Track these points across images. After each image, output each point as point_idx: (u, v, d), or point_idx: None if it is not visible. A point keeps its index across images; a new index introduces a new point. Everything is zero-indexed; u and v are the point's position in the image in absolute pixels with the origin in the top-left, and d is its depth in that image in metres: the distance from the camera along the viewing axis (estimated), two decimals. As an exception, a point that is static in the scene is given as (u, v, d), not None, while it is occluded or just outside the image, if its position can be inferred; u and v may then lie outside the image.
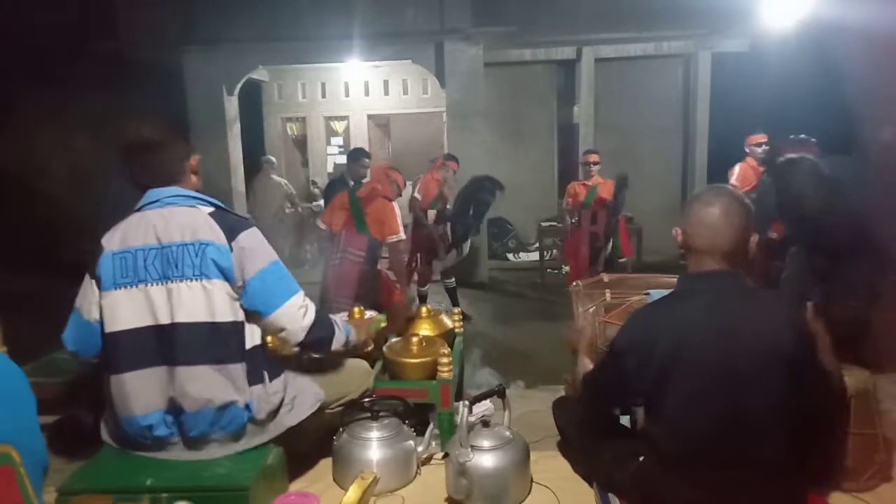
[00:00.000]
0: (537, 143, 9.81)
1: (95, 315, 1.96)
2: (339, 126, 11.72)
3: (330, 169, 11.75)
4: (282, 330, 2.01)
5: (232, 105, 8.88)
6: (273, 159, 9.73)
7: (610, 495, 1.98)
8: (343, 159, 8.69)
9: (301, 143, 11.89)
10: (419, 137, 12.58)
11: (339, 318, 2.22)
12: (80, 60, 7.49)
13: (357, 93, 11.17)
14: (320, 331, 2.06)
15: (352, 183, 5.70)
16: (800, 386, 1.69)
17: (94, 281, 1.96)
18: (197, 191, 2.05)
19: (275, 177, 9.38)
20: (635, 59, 9.33)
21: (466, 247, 6.50)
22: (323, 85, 11.18)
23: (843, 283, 3.31)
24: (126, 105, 7.78)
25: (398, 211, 4.51)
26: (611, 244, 6.03)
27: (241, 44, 8.34)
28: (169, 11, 8.27)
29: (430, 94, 10.69)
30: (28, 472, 1.46)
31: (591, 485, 2.13)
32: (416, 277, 6.08)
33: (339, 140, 11.76)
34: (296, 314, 2.00)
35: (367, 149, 6.87)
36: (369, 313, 2.74)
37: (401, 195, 4.86)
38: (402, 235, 4.51)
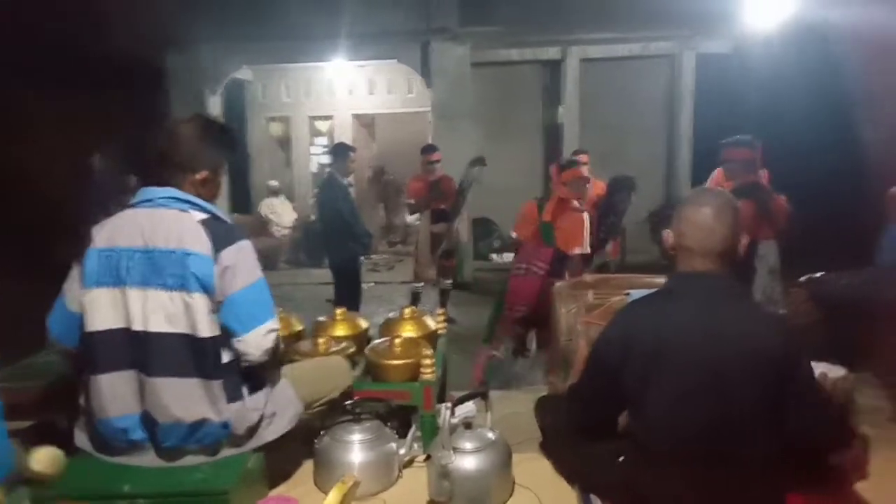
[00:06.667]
0: (524, 143, 9.82)
1: (77, 307, 1.93)
2: (323, 126, 11.68)
3: (314, 169, 11.70)
4: (246, 352, 1.92)
5: (215, 104, 8.82)
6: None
7: (592, 496, 1.98)
8: (327, 159, 8.69)
9: (285, 143, 11.83)
10: (404, 137, 12.56)
11: None
12: (61, 60, 7.40)
13: (341, 92, 11.13)
14: (277, 352, 2.02)
15: (344, 180, 5.66)
16: (784, 392, 1.69)
17: (78, 274, 1.93)
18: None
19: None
20: (621, 59, 9.37)
21: (457, 220, 6.49)
22: (307, 84, 11.14)
23: None
24: (108, 105, 7.72)
25: (586, 223, 4.52)
26: (608, 247, 5.89)
27: (224, 43, 8.29)
28: (152, 10, 8.20)
29: (416, 93, 10.69)
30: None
31: (573, 486, 2.13)
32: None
33: (323, 140, 11.73)
34: (266, 338, 1.93)
35: (349, 148, 6.86)
36: None
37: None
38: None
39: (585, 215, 4.55)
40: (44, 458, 1.51)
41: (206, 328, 1.89)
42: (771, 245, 4.06)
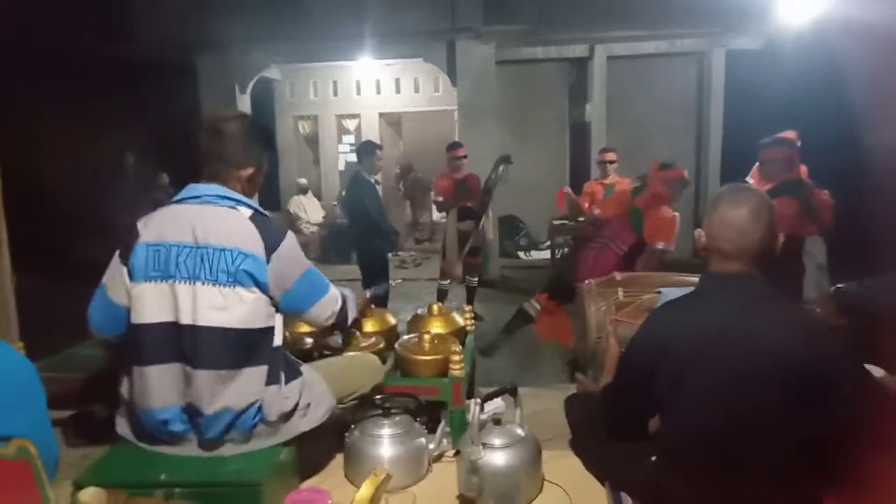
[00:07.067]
0: (549, 142, 9.78)
1: (122, 299, 1.95)
2: (350, 124, 11.75)
3: (342, 167, 11.79)
4: (315, 320, 2.20)
5: (245, 103, 8.93)
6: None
7: (622, 494, 1.98)
8: (354, 157, 8.76)
9: (313, 142, 11.93)
10: (431, 136, 12.60)
11: (348, 292, 2.36)
12: (92, 61, 7.54)
13: (368, 91, 11.19)
14: (343, 312, 2.25)
15: (371, 178, 5.68)
16: (819, 393, 1.66)
17: (125, 267, 1.95)
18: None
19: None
20: (648, 57, 9.28)
21: (484, 218, 6.44)
22: (334, 83, 11.22)
23: None
24: (139, 106, 7.85)
25: (676, 220, 4.47)
26: None
27: (253, 42, 8.38)
28: (182, 11, 8.32)
29: (442, 92, 10.70)
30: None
31: (603, 484, 2.12)
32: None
33: (350, 138, 11.80)
34: (328, 306, 2.17)
35: (377, 147, 6.86)
36: None
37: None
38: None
39: (677, 214, 4.52)
40: (91, 500, 1.58)
41: (258, 320, 1.94)
42: (817, 241, 3.96)
